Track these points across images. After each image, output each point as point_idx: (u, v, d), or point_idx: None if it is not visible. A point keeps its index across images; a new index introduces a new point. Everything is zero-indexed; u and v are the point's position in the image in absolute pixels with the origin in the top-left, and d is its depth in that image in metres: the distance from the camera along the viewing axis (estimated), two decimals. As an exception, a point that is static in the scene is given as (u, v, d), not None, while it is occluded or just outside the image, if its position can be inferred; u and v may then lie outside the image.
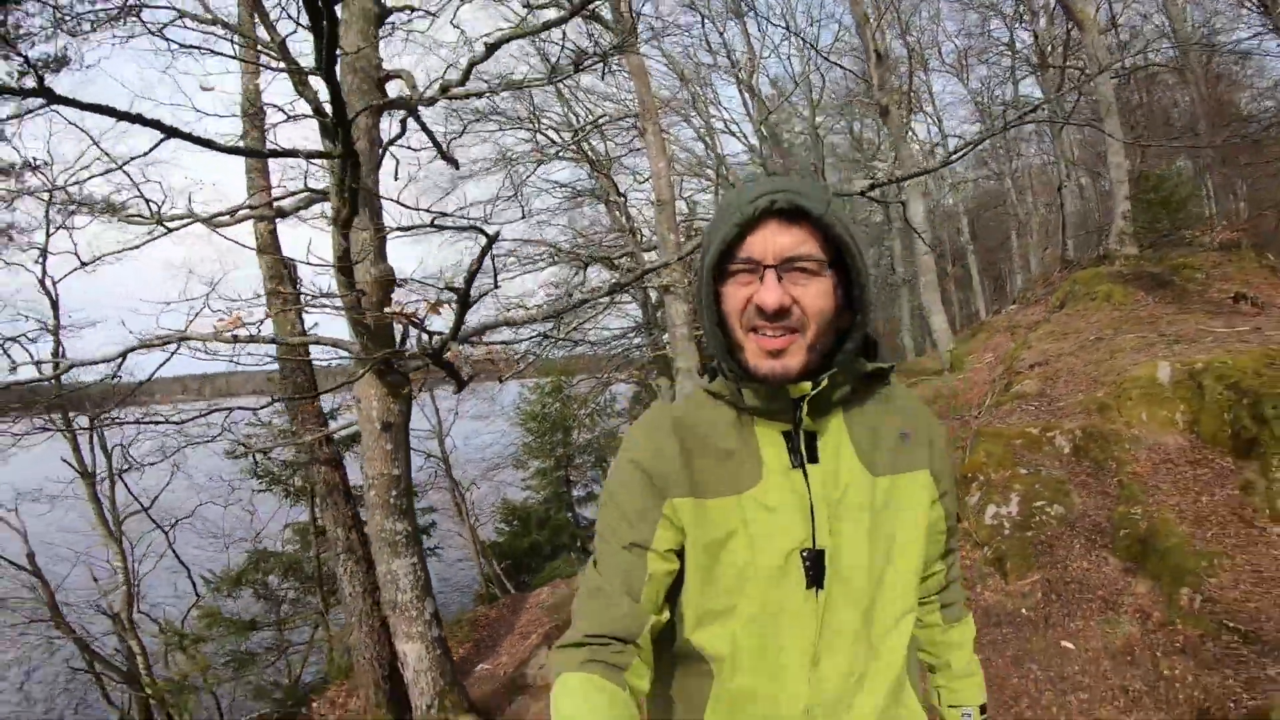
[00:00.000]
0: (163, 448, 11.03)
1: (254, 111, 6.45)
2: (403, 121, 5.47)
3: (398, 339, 5.47)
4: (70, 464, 11.87)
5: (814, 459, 1.10)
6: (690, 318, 7.95)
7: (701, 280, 1.08)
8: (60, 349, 11.00)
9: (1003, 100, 17.73)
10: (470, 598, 14.61)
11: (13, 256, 9.79)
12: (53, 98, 2.79)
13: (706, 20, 14.30)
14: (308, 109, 3.83)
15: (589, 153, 13.28)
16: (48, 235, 9.48)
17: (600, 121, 11.93)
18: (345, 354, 5.58)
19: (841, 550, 1.08)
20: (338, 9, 3.29)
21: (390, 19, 4.98)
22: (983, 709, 1.38)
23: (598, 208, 15.34)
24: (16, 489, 12.09)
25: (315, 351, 7.66)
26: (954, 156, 5.42)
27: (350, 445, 10.06)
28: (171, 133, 3.02)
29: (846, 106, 18.22)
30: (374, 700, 5.76)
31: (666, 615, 1.10)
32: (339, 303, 4.94)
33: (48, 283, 10.08)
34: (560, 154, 12.07)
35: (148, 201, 5.47)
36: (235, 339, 5.27)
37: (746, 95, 16.24)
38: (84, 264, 6.92)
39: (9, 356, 9.07)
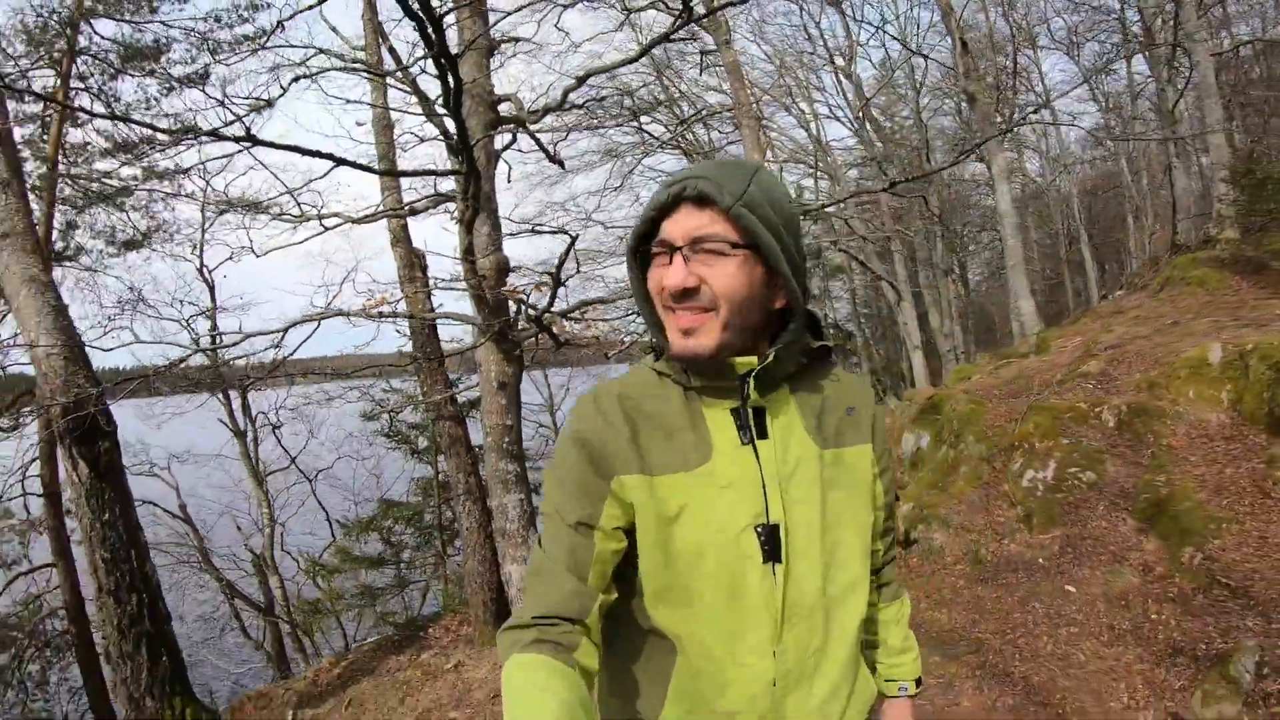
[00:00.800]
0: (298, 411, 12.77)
1: (386, 125, 7.64)
2: (513, 133, 6.46)
3: (511, 313, 6.53)
4: (225, 424, 13.81)
5: (763, 435, 1.12)
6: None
7: (627, 265, 1.15)
8: (216, 328, 12.83)
9: (1116, 76, 17.27)
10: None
11: (177, 250, 11.52)
12: (256, 142, 3.79)
13: (804, 10, 14.73)
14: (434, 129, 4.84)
15: (692, 144, 14.08)
16: (203, 232, 11.12)
17: (700, 115, 12.68)
18: (464, 334, 6.69)
19: (796, 524, 1.11)
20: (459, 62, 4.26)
21: (499, 49, 5.97)
22: (918, 682, 1.41)
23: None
24: (169, 451, 14.16)
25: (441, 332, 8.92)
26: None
27: (470, 410, 11.32)
28: (341, 162, 4.06)
29: (951, 88, 18.17)
30: (482, 618, 6.92)
31: (615, 594, 1.09)
32: (463, 285, 6.00)
33: (205, 271, 11.80)
34: (663, 146, 12.88)
35: (299, 205, 6.68)
36: (380, 315, 6.47)
37: (846, 81, 16.56)
38: (256, 255, 8.29)
39: (191, 330, 10.80)
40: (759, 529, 1.08)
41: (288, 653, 11.63)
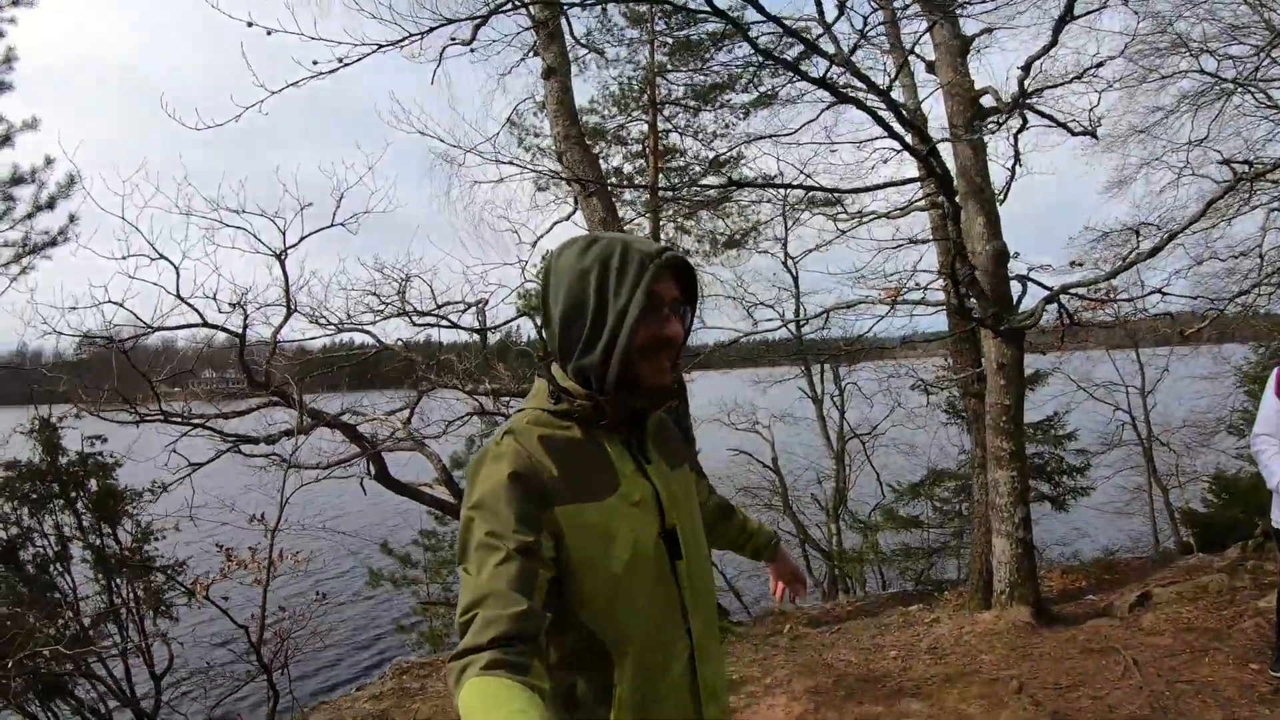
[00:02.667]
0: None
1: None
2: (1023, 116, 6.59)
3: (1015, 299, 6.74)
4: (804, 391, 16.13)
5: (648, 460, 1.39)
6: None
7: (626, 316, 1.27)
8: (800, 308, 15.07)
9: None
10: (1134, 544, 14.20)
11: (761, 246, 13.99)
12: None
13: None
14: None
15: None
16: (786, 228, 13.20)
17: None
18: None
19: (683, 526, 1.37)
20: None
21: (973, 45, 6.14)
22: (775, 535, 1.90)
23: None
24: (771, 410, 17.04)
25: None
26: None
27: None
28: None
29: None
30: (975, 586, 7.27)
31: (550, 617, 1.14)
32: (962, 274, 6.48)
33: (789, 263, 13.99)
34: (1242, 87, 10.51)
35: (840, 205, 7.87)
36: (893, 303, 7.35)
37: None
38: (818, 247, 9.89)
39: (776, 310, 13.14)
40: (662, 535, 1.32)
41: (836, 590, 13.38)
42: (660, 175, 14.78)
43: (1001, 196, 7.03)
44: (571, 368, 1.33)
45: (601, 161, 15.06)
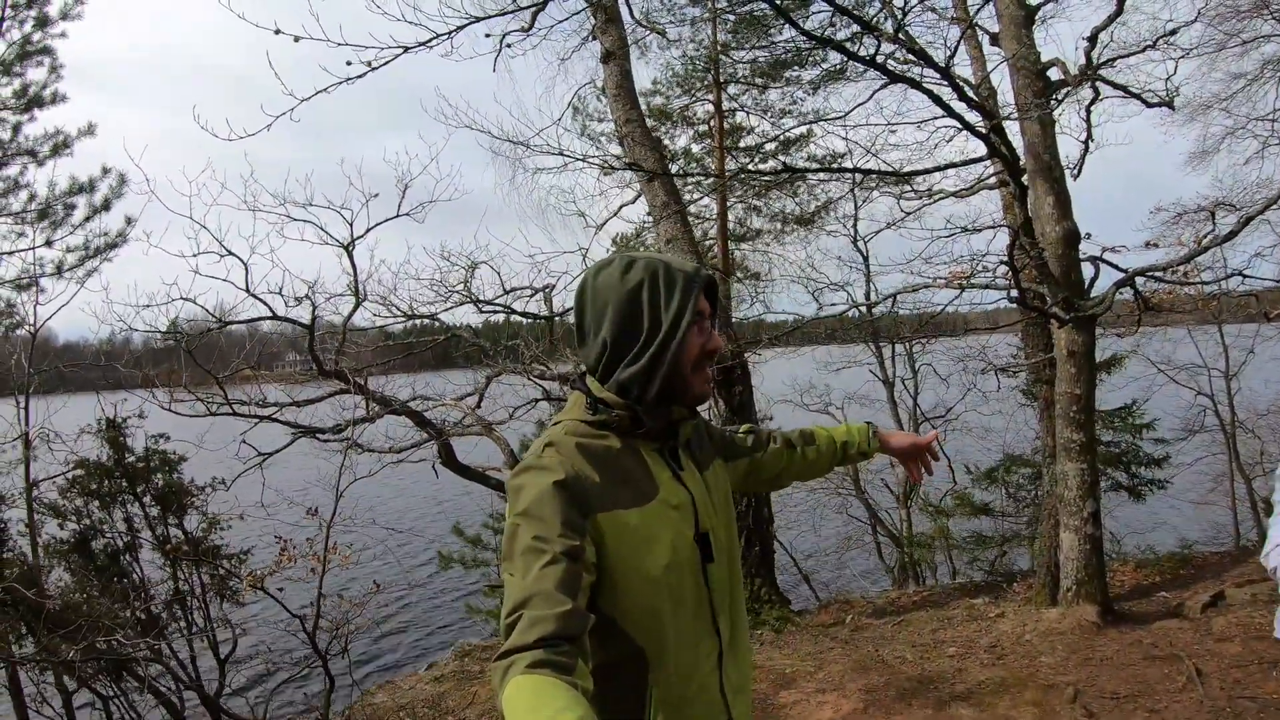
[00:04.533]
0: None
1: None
2: (1095, 89, 6.22)
3: (1086, 282, 6.40)
4: (876, 375, 15.79)
5: (681, 467, 1.44)
6: None
7: (679, 331, 1.35)
8: (871, 289, 14.71)
9: None
10: (1214, 536, 13.47)
11: (830, 226, 13.67)
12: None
13: None
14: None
15: None
16: (856, 207, 12.86)
17: None
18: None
19: (716, 529, 1.42)
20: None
21: (1038, 15, 5.78)
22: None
23: None
24: (844, 391, 16.72)
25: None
26: None
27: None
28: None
29: None
30: (1042, 581, 6.97)
31: (594, 618, 1.16)
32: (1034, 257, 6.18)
33: (859, 243, 13.65)
34: None
35: (908, 184, 7.61)
36: (961, 286, 7.10)
37: None
38: (890, 226, 9.63)
39: (845, 293, 12.86)
40: (696, 539, 1.36)
41: (906, 578, 13.10)
42: (727, 155, 14.57)
43: (1075, 173, 6.68)
44: (615, 380, 1.38)
45: (668, 142, 14.98)
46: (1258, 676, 4.23)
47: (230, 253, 6.78)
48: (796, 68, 13.28)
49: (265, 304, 7.07)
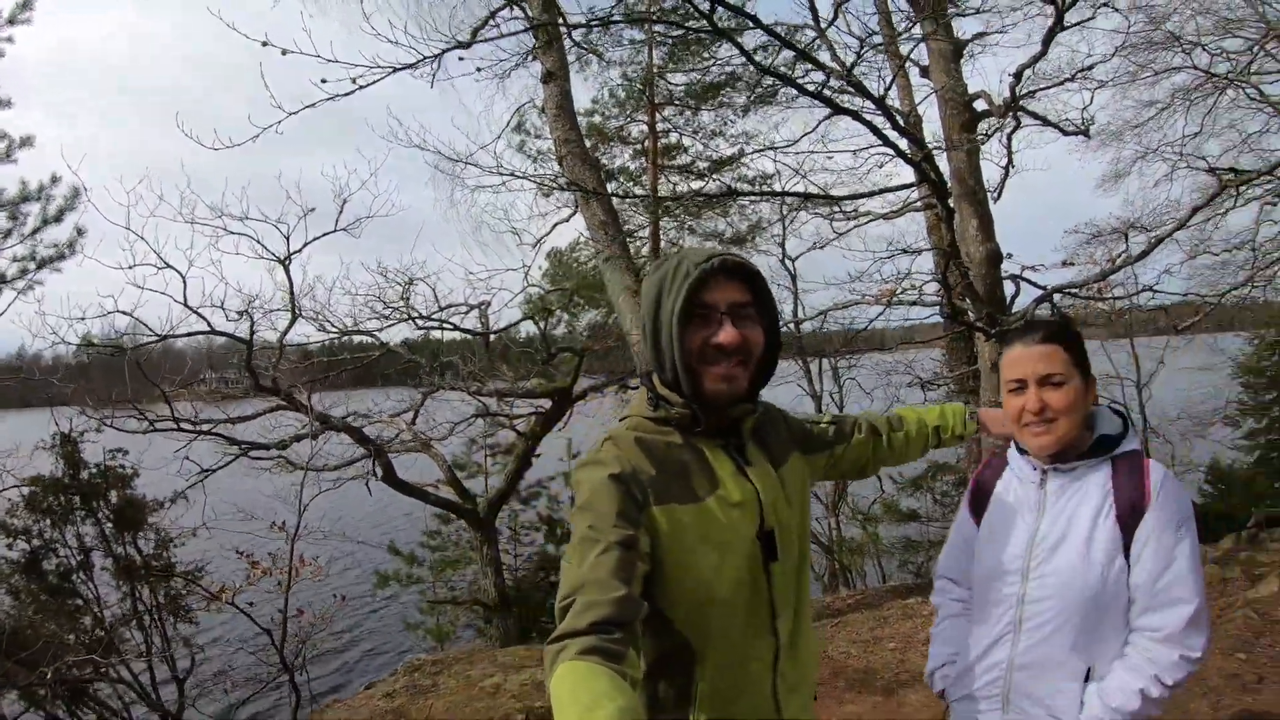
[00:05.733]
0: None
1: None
2: (1016, 118, 6.72)
3: (1008, 299, 6.88)
4: (803, 389, 16.31)
5: (749, 463, 1.41)
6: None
7: (672, 325, 1.31)
8: (799, 307, 15.22)
9: None
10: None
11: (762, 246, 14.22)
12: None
13: None
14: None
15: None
16: (784, 227, 13.36)
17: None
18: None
19: (784, 527, 1.39)
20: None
21: (966, 50, 6.30)
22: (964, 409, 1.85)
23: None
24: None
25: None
26: None
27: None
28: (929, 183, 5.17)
29: None
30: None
31: (647, 606, 1.16)
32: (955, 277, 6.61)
33: (786, 262, 14.16)
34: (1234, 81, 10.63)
35: (836, 206, 8.01)
36: (889, 303, 7.51)
37: None
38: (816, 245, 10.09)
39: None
40: (760, 536, 1.35)
41: (837, 583, 13.57)
42: (660, 175, 14.90)
43: (996, 195, 7.17)
44: (658, 379, 1.40)
45: (606, 160, 15.21)
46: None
47: (168, 265, 6.70)
48: (729, 90, 13.75)
49: (204, 318, 6.98)
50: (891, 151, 5.70)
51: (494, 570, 9.44)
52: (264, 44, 3.86)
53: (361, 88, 4.14)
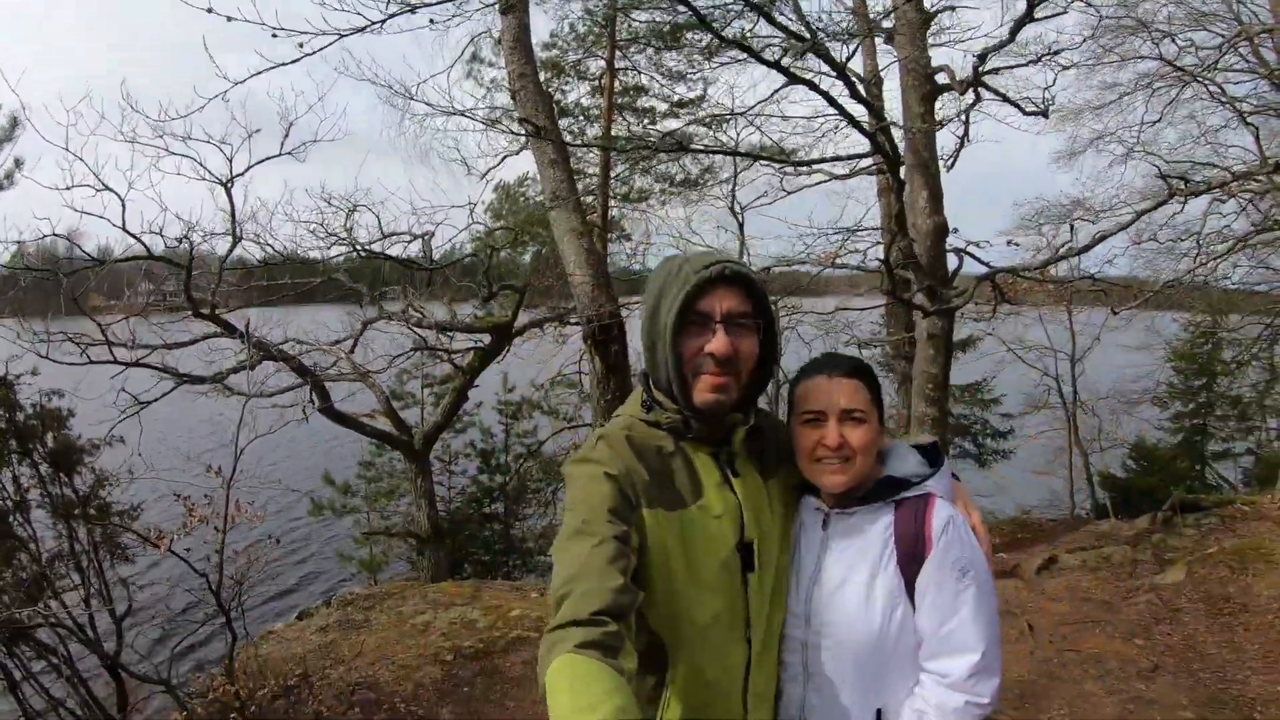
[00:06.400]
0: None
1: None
2: (976, 94, 6.78)
3: (949, 272, 7.04)
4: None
5: (736, 473, 1.40)
6: None
7: (667, 332, 1.32)
8: (745, 255, 15.35)
9: None
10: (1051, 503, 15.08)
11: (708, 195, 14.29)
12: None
13: None
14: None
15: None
16: (735, 175, 13.32)
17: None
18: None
19: (764, 540, 1.39)
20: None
21: (934, 21, 6.31)
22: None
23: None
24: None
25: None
26: None
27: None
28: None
29: None
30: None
31: (642, 595, 1.18)
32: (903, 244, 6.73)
33: (735, 210, 14.18)
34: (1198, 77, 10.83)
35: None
36: (831, 265, 7.62)
37: None
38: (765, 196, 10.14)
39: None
40: (739, 547, 1.36)
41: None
42: (617, 114, 14.62)
43: (950, 164, 7.25)
44: (654, 384, 1.41)
45: (560, 96, 14.84)
46: (1082, 632, 4.84)
47: (107, 187, 6.44)
48: (696, 30, 13.44)
49: (143, 243, 6.73)
50: (847, 121, 5.70)
51: (428, 503, 9.52)
52: (209, 10, 3.70)
53: (308, 54, 3.99)
